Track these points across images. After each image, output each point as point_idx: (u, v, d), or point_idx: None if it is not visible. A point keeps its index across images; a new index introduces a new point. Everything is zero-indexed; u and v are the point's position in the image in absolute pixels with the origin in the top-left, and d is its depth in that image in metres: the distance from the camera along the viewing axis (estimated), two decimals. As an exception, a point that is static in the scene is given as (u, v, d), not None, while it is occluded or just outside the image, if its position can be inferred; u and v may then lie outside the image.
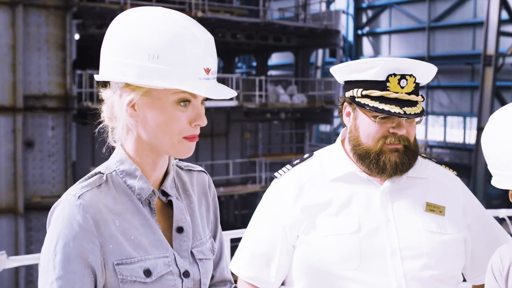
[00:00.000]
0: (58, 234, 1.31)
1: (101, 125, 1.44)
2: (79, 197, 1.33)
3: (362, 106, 1.82)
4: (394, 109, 1.77)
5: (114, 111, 1.39)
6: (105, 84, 1.42)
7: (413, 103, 1.81)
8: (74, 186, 1.38)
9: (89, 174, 1.41)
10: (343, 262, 1.79)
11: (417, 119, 1.85)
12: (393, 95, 1.79)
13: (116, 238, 1.34)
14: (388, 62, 1.80)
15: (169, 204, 1.46)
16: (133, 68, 1.32)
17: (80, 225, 1.31)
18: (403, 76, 1.80)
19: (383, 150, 1.82)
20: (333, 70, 1.92)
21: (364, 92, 1.82)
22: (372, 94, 1.81)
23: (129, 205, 1.39)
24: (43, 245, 1.34)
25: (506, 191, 1.78)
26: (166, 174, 1.47)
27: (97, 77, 1.40)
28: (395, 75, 1.80)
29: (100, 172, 1.40)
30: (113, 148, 1.44)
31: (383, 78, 1.80)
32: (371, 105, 1.80)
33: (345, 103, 1.91)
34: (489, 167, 1.77)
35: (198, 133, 1.39)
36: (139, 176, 1.40)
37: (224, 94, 1.37)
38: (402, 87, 1.80)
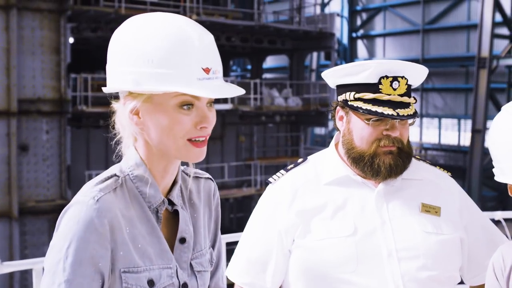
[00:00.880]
0: (71, 236, 1.27)
1: (117, 138, 1.41)
2: (97, 200, 1.29)
3: (355, 109, 1.82)
4: (387, 111, 1.77)
5: (121, 120, 1.38)
6: (117, 96, 1.40)
7: (406, 105, 1.81)
8: (90, 188, 1.33)
9: (104, 176, 1.37)
10: (340, 265, 1.78)
11: (410, 121, 1.85)
12: (386, 97, 1.79)
13: (127, 245, 1.32)
14: (380, 65, 1.80)
15: (174, 213, 1.44)
16: (130, 75, 1.31)
17: (96, 230, 1.28)
18: (395, 78, 1.80)
19: (377, 152, 1.81)
20: (325, 74, 1.92)
21: (357, 95, 1.82)
22: (365, 97, 1.81)
23: (140, 212, 1.36)
24: (50, 245, 1.30)
25: (502, 193, 1.78)
26: (173, 182, 1.44)
27: (104, 90, 1.39)
28: (387, 77, 1.80)
29: (115, 175, 1.37)
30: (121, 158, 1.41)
31: (375, 81, 1.80)
32: (364, 107, 1.80)
33: (338, 107, 1.90)
34: (493, 162, 1.77)
35: (206, 135, 1.36)
36: (151, 183, 1.37)
37: (224, 93, 1.33)
38: (395, 89, 1.80)
